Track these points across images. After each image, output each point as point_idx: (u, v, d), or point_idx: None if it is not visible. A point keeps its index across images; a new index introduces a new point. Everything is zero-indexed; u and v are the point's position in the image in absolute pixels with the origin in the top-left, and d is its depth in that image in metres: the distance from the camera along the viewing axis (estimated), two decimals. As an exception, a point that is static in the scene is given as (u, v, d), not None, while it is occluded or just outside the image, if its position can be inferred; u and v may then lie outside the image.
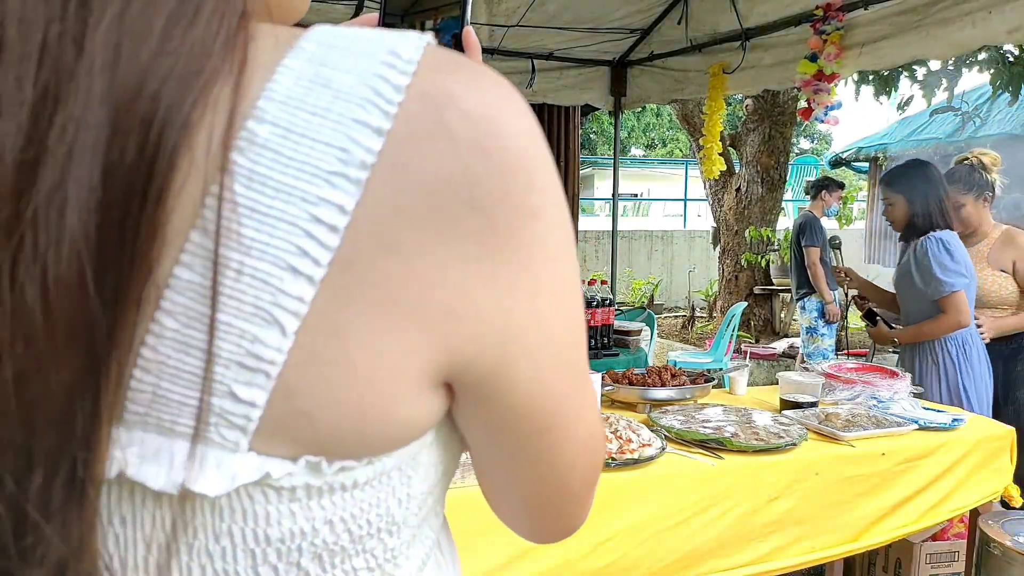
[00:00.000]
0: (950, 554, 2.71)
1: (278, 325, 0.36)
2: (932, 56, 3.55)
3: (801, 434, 2.06)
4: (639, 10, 4.67)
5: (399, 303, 0.38)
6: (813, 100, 3.79)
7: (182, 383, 0.36)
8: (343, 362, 0.37)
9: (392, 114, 0.37)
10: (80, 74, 0.32)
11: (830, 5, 3.66)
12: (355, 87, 0.37)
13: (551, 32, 4.60)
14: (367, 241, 0.37)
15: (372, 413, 0.39)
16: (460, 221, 0.38)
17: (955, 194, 3.03)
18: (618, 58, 5.23)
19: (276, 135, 0.36)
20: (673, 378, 2.45)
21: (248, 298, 0.35)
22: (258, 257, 0.35)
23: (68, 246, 0.31)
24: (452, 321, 0.39)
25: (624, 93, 5.34)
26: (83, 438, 0.33)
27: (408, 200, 0.37)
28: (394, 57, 0.38)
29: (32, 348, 0.32)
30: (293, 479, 0.38)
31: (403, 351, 0.39)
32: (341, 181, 0.36)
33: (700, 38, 4.56)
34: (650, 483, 1.80)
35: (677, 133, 21.15)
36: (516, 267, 0.40)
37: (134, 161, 0.32)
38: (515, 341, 0.42)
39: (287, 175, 0.36)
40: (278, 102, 0.36)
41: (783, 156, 8.47)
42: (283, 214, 0.35)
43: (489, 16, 4.34)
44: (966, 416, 2.42)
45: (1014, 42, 3.52)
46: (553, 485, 0.50)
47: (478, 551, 1.50)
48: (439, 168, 0.38)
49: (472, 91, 0.39)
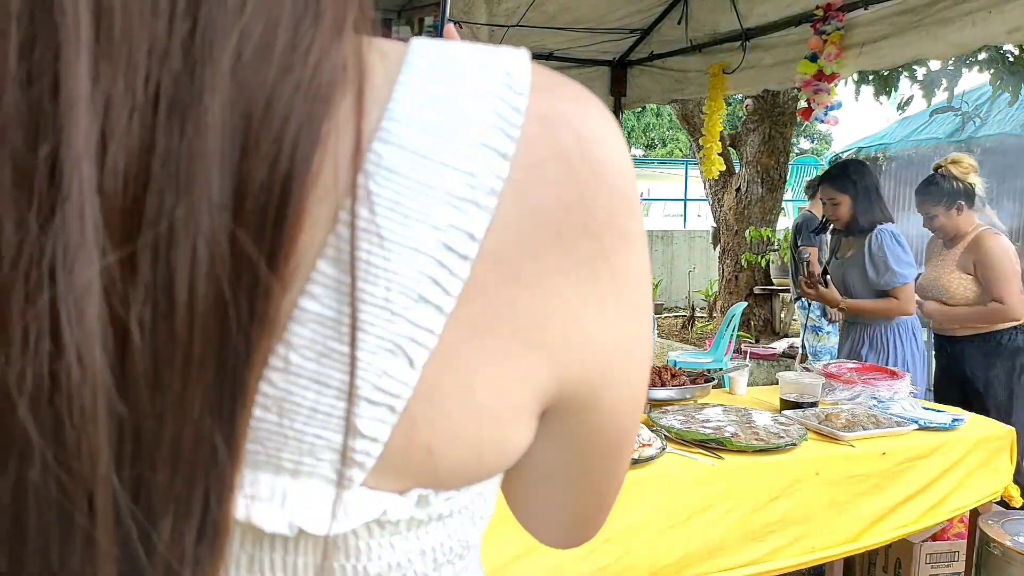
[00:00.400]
0: (950, 554, 2.71)
1: (406, 357, 0.34)
2: (932, 56, 3.55)
3: (801, 434, 2.06)
4: (639, 10, 4.66)
5: (519, 332, 0.37)
6: (813, 100, 3.78)
7: (300, 419, 0.34)
8: (466, 394, 0.36)
9: (516, 138, 0.36)
10: (203, 85, 0.29)
11: (830, 5, 3.66)
12: (477, 109, 0.35)
13: (551, 32, 4.59)
14: (492, 269, 0.35)
15: (488, 443, 0.38)
16: (576, 247, 0.37)
17: (926, 206, 3.12)
18: (618, 58, 5.23)
19: (403, 158, 0.34)
20: (673, 378, 2.45)
21: (375, 330, 0.33)
22: (387, 287, 0.33)
23: (207, 269, 0.29)
24: (565, 349, 0.39)
25: (624, 93, 5.34)
26: (217, 476, 0.30)
27: (530, 226, 0.36)
28: (510, 77, 0.37)
29: (168, 379, 0.29)
30: (401, 512, 0.37)
31: (521, 380, 0.38)
32: (471, 207, 0.34)
33: (700, 38, 4.56)
34: (650, 483, 1.81)
35: (677, 133, 21.15)
36: (619, 293, 0.40)
37: (265, 181, 0.30)
38: (615, 367, 0.42)
39: (416, 200, 0.34)
40: (401, 122, 0.34)
41: (783, 156, 8.47)
42: (414, 241, 0.34)
43: (489, 16, 4.34)
44: (966, 416, 2.42)
45: (1014, 42, 3.53)
46: (605, 498, 0.51)
47: (478, 551, 1.49)
48: (558, 193, 0.37)
49: (581, 113, 0.38)
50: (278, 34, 0.30)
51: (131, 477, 0.29)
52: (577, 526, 0.53)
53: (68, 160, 0.27)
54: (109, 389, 0.28)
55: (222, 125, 0.29)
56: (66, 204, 0.27)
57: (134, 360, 0.28)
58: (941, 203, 3.10)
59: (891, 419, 2.28)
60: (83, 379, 0.27)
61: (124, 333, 0.28)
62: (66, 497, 0.28)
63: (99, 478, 0.28)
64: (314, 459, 0.34)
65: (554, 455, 0.46)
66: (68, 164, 0.27)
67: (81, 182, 0.27)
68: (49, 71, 0.27)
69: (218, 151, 0.29)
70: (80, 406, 0.27)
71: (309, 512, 0.35)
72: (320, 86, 0.31)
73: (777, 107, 8.19)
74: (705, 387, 2.45)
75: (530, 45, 4.22)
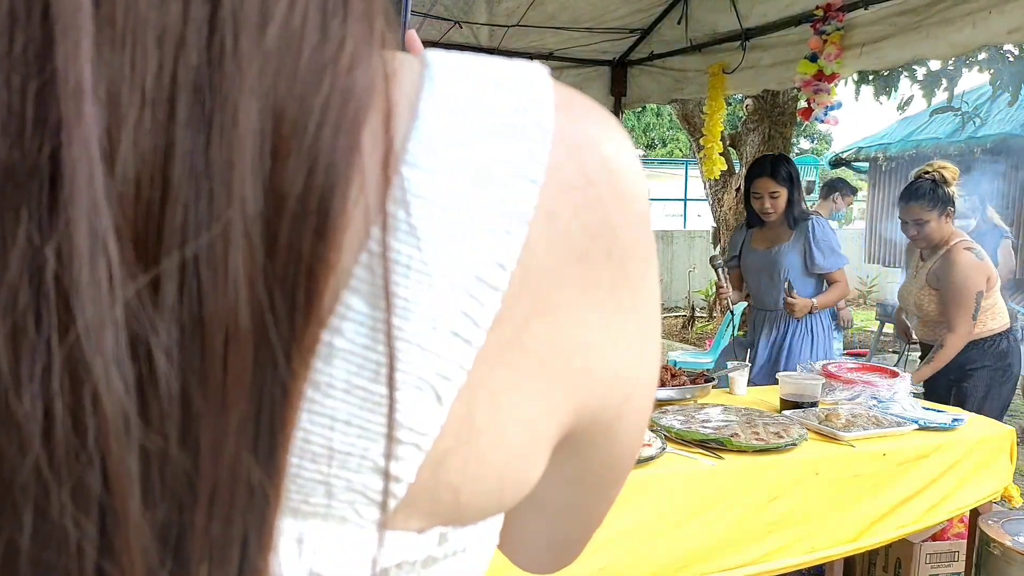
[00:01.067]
0: (950, 554, 2.71)
1: (435, 394, 0.32)
2: (932, 56, 3.55)
3: (801, 434, 2.06)
4: (639, 10, 4.66)
5: (545, 364, 0.35)
6: (813, 100, 3.78)
7: (322, 460, 0.31)
8: (494, 430, 0.34)
9: (544, 164, 0.34)
10: (229, 80, 0.26)
11: (830, 5, 3.66)
12: (504, 131, 0.33)
13: (551, 32, 4.59)
14: (521, 301, 0.34)
15: (511, 478, 0.36)
16: (600, 273, 0.36)
17: (919, 211, 3.09)
18: (618, 58, 5.22)
19: (432, 183, 0.32)
20: (673, 378, 2.45)
21: (403, 366, 0.31)
22: (417, 321, 0.31)
23: (245, 292, 0.26)
24: (588, 379, 0.37)
25: (624, 93, 5.34)
26: (256, 518, 0.28)
27: (557, 255, 0.34)
28: (535, 97, 0.35)
29: (200, 412, 0.26)
30: (420, 552, 0.35)
31: (545, 413, 0.36)
32: (501, 236, 0.32)
33: (700, 38, 4.56)
34: (650, 483, 1.80)
35: (677, 133, 21.14)
36: (636, 321, 0.39)
37: (302, 192, 0.27)
38: (632, 397, 0.41)
39: (447, 229, 0.32)
40: (428, 145, 0.32)
41: (783, 156, 8.46)
42: (444, 273, 0.31)
43: (489, 16, 4.34)
44: (966, 416, 2.42)
45: (1014, 42, 3.53)
46: (596, 522, 0.50)
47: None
48: (583, 219, 0.35)
49: (605, 135, 0.37)
50: (307, 24, 0.27)
51: (161, 521, 0.26)
52: (565, 551, 0.51)
53: (71, 162, 0.24)
54: (134, 423, 0.25)
55: (252, 127, 0.26)
56: (70, 210, 0.24)
57: (159, 391, 0.25)
58: (936, 208, 3.08)
59: (891, 419, 2.28)
60: (106, 414, 0.24)
61: (147, 359, 0.25)
62: (90, 544, 0.25)
63: (130, 523, 0.25)
64: (333, 501, 0.32)
65: (556, 486, 0.44)
66: (72, 166, 0.24)
67: (90, 186, 0.24)
68: (45, 60, 0.24)
69: (250, 156, 0.26)
70: (103, 442, 0.24)
71: (328, 558, 0.32)
72: (355, 88, 0.28)
73: (777, 107, 8.18)
74: (705, 387, 2.45)
75: (530, 45, 4.22)
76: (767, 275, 3.34)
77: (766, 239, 3.36)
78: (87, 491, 0.25)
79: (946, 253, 3.08)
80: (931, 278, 3.13)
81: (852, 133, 39.50)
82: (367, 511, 0.32)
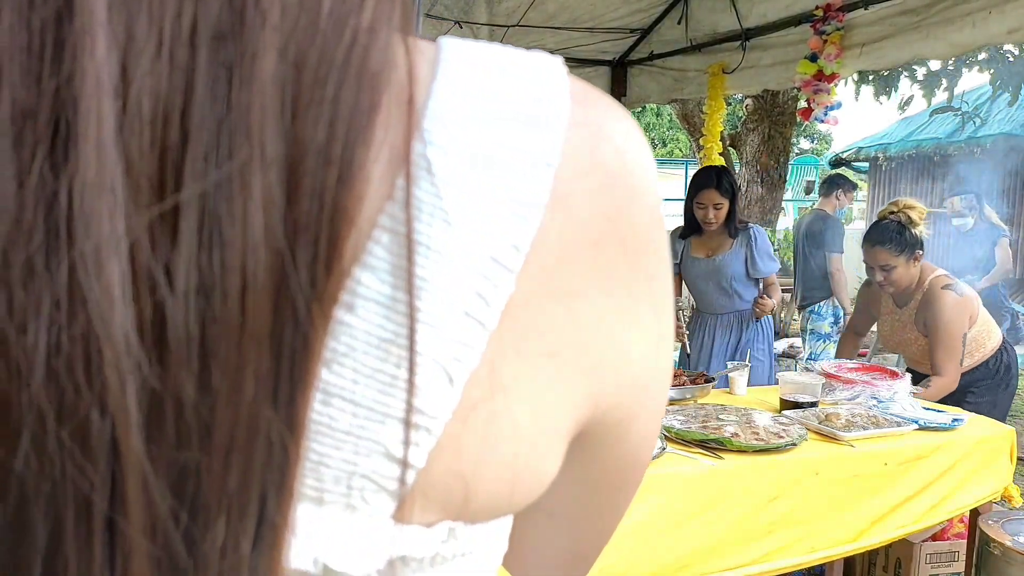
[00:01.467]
0: (950, 554, 2.71)
1: (446, 375, 0.31)
2: (932, 56, 3.55)
3: (801, 434, 2.06)
4: (639, 10, 4.66)
5: (560, 352, 0.35)
6: (813, 100, 3.79)
7: (329, 442, 0.30)
8: (505, 417, 0.33)
9: (559, 149, 0.34)
10: (252, 26, 0.26)
11: (830, 5, 3.66)
12: (518, 114, 0.33)
13: (551, 32, 4.59)
14: (535, 284, 0.33)
15: (524, 471, 0.35)
16: (614, 263, 0.36)
17: (885, 256, 2.92)
18: (618, 58, 5.22)
19: (447, 162, 0.31)
20: (673, 378, 2.45)
21: (417, 346, 0.31)
22: (431, 300, 0.31)
23: (263, 234, 0.26)
24: (603, 370, 0.37)
25: (624, 93, 5.33)
26: (275, 470, 0.27)
27: (571, 240, 0.34)
28: (551, 84, 0.35)
29: (217, 357, 0.26)
30: (428, 548, 0.34)
31: (559, 403, 0.36)
32: (516, 217, 0.32)
33: (700, 38, 4.56)
34: (650, 483, 1.80)
35: (677, 133, 21.14)
36: (651, 314, 0.38)
37: (323, 144, 0.27)
38: (646, 391, 0.40)
39: (462, 208, 0.31)
40: (444, 124, 0.32)
41: (783, 156, 8.47)
42: (460, 252, 0.31)
43: (489, 16, 4.34)
44: (966, 416, 2.42)
45: (1014, 42, 3.53)
46: (606, 535, 0.48)
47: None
48: (597, 206, 0.35)
49: (621, 127, 0.37)
50: None
51: (176, 470, 0.25)
52: (574, 566, 0.50)
53: (83, 95, 0.23)
54: (140, 361, 0.24)
55: (273, 75, 0.26)
56: (80, 145, 0.23)
57: (172, 332, 0.25)
58: (903, 252, 2.90)
59: (891, 419, 2.28)
60: (105, 347, 0.24)
61: (158, 299, 0.25)
62: (99, 494, 0.24)
63: (132, 465, 0.24)
64: (342, 487, 0.31)
65: (567, 490, 0.43)
66: (83, 100, 0.23)
67: (100, 121, 0.23)
68: None
69: (271, 104, 0.26)
70: (102, 379, 0.24)
71: (335, 547, 0.31)
72: (377, 44, 0.28)
73: (777, 107, 8.19)
74: (705, 387, 2.46)
75: (530, 45, 4.23)
76: (713, 282, 3.52)
77: (706, 247, 3.53)
78: (91, 432, 0.24)
79: (927, 295, 2.93)
80: (919, 324, 2.97)
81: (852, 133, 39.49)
82: (375, 499, 0.31)
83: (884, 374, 2.62)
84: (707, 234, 3.51)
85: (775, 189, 8.53)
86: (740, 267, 3.45)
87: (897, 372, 2.63)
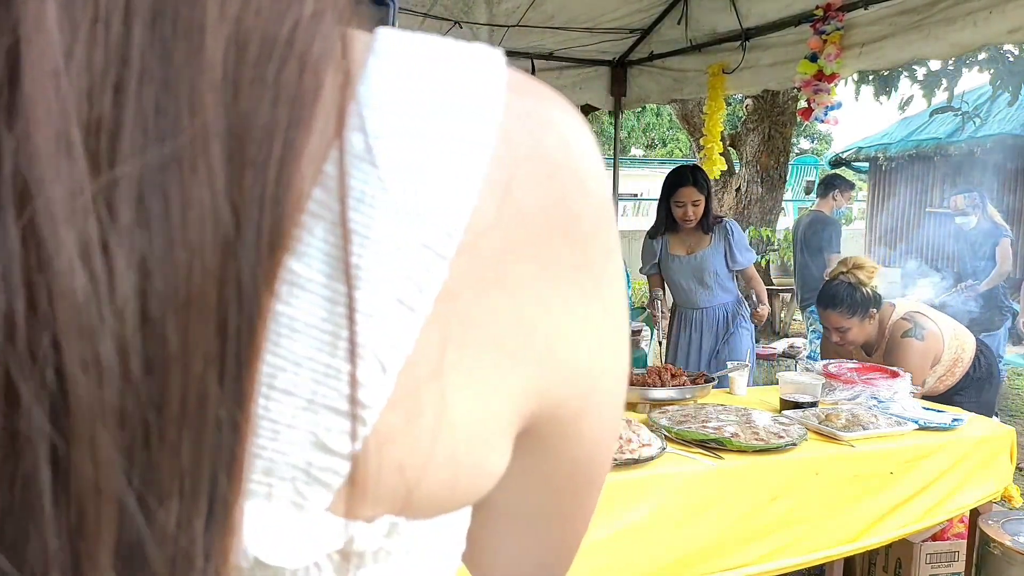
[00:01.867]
0: (950, 554, 2.71)
1: (379, 364, 0.31)
2: (932, 56, 3.55)
3: (801, 434, 2.06)
4: (639, 10, 4.66)
5: (502, 343, 0.34)
6: (813, 100, 3.79)
7: (264, 432, 0.30)
8: (442, 408, 0.33)
9: (495, 132, 0.33)
10: (193, 9, 0.26)
11: (830, 5, 3.66)
12: (453, 101, 0.33)
13: (551, 32, 4.59)
14: (473, 272, 0.33)
15: (465, 465, 0.35)
16: (560, 255, 0.35)
17: (837, 318, 2.92)
18: (618, 58, 5.22)
19: (377, 147, 0.31)
20: (673, 378, 2.46)
21: (357, 337, 0.30)
22: (362, 288, 0.30)
23: (209, 207, 0.26)
24: (549, 363, 0.36)
25: (624, 93, 5.34)
26: (224, 447, 0.27)
27: (512, 229, 0.34)
28: (488, 72, 0.35)
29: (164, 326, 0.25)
30: (369, 542, 0.33)
31: (502, 395, 0.35)
32: (446, 204, 0.32)
33: (700, 38, 4.56)
34: (650, 483, 1.81)
35: (677, 133, 21.14)
36: (602, 308, 0.38)
37: (268, 123, 0.27)
38: (598, 387, 0.40)
39: (390, 194, 0.31)
40: (375, 110, 0.32)
41: (783, 156, 8.47)
42: (390, 238, 0.31)
43: (489, 16, 4.34)
44: (966, 416, 2.42)
45: (1014, 42, 3.53)
46: (573, 543, 0.47)
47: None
48: (541, 196, 0.35)
49: (565, 117, 0.37)
50: None
51: (128, 442, 0.25)
52: (541, 572, 0.49)
53: (29, 58, 0.23)
54: (95, 323, 0.24)
55: (215, 54, 0.26)
56: (29, 109, 0.23)
57: (120, 304, 0.24)
58: (856, 314, 2.90)
59: (891, 419, 2.28)
60: (63, 308, 0.24)
61: (110, 263, 0.24)
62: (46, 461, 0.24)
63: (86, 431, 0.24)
64: (273, 479, 0.31)
65: (524, 490, 0.43)
66: (27, 64, 0.23)
67: (46, 87, 0.23)
68: None
69: (212, 82, 0.26)
70: (61, 340, 0.24)
71: (267, 540, 0.31)
72: (321, 28, 0.28)
73: (777, 107, 8.19)
74: (705, 387, 2.46)
75: (530, 45, 4.22)
76: (696, 279, 3.60)
77: (684, 245, 3.61)
78: (49, 395, 0.24)
79: (889, 344, 2.91)
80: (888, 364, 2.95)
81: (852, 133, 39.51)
82: (310, 491, 0.31)
83: (884, 374, 2.62)
84: (684, 231, 3.59)
85: (775, 189, 8.53)
86: (721, 261, 3.56)
87: (897, 372, 2.62)
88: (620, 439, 1.87)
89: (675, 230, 3.62)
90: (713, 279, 3.58)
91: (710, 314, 3.67)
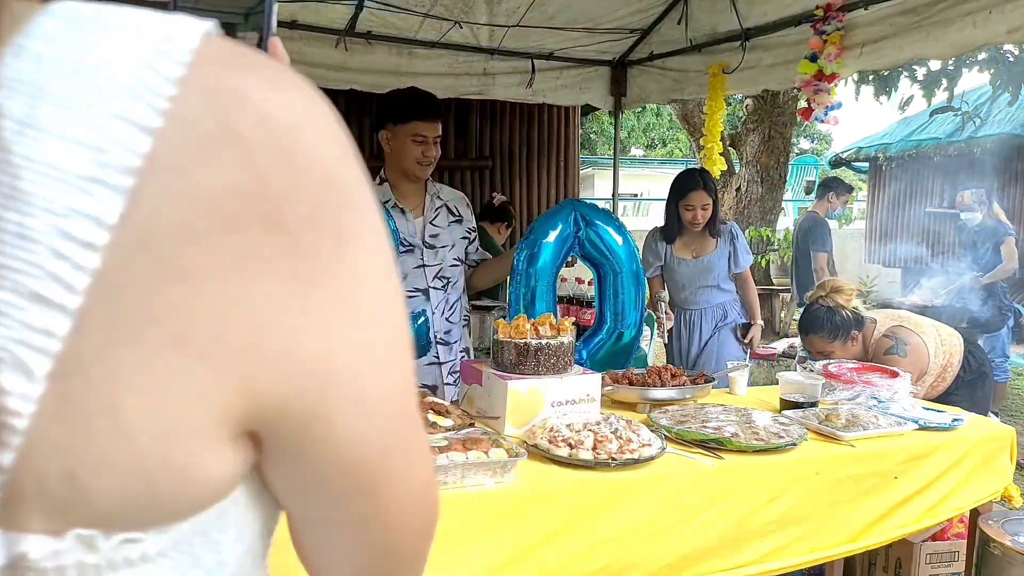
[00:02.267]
0: (950, 554, 2.71)
1: (23, 367, 0.29)
2: (932, 56, 3.55)
3: (801, 434, 2.06)
4: (639, 10, 4.66)
5: (186, 340, 0.32)
6: (813, 100, 3.78)
7: None
8: (113, 412, 0.31)
9: (163, 110, 0.31)
10: None
11: (830, 5, 3.66)
12: (114, 76, 0.31)
13: (551, 32, 4.59)
14: (142, 264, 0.30)
15: (160, 474, 0.32)
16: (259, 242, 0.33)
17: (820, 343, 2.90)
18: (618, 58, 5.22)
19: (10, 132, 0.29)
20: (673, 378, 2.45)
21: None
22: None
23: None
24: (256, 359, 0.34)
25: (624, 93, 5.33)
26: None
27: (191, 216, 0.31)
28: (167, 43, 0.32)
29: None
30: (60, 558, 0.31)
31: (194, 397, 0.33)
32: (98, 188, 0.30)
33: (700, 38, 4.55)
34: (650, 483, 1.80)
35: (677, 133, 21.14)
36: (333, 297, 0.35)
37: None
38: (335, 382, 0.37)
39: (24, 181, 0.29)
40: (11, 89, 0.30)
41: (783, 156, 8.47)
42: (22, 230, 0.29)
43: (489, 16, 4.34)
44: (966, 416, 2.42)
45: (1014, 42, 3.52)
46: (382, 551, 0.44)
47: (480, 550, 1.50)
48: (227, 179, 0.32)
49: (270, 92, 0.34)
50: None
51: None
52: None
53: None
54: None
55: None
56: None
57: None
58: (837, 338, 2.88)
59: (891, 419, 2.27)
60: None
61: None
62: None
63: None
64: None
65: (300, 495, 0.40)
66: None
67: None
68: None
69: None
70: None
71: None
72: None
73: (777, 107, 8.19)
74: (705, 387, 2.45)
75: (530, 45, 4.21)
76: (701, 281, 3.65)
77: (690, 249, 3.65)
78: None
79: (873, 362, 2.88)
80: None
81: (852, 133, 39.49)
82: None
83: (884, 374, 2.62)
84: (689, 235, 3.62)
85: (775, 189, 8.53)
86: (725, 264, 3.63)
87: (897, 372, 2.62)
88: (620, 439, 1.87)
89: (680, 233, 3.65)
90: (717, 282, 3.63)
91: (710, 313, 3.71)
